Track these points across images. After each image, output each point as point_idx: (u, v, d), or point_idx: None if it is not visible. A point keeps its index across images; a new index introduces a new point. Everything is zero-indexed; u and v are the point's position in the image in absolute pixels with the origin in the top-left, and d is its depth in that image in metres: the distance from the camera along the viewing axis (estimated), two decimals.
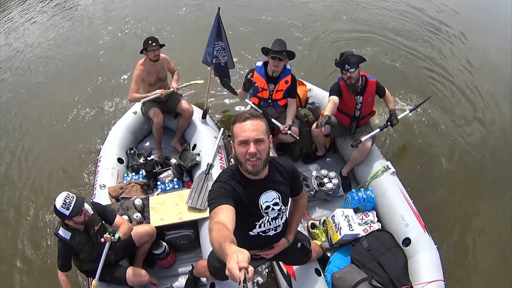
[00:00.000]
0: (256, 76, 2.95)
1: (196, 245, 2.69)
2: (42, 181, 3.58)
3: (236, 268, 0.86)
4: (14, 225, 3.23)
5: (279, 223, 1.65)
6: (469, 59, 5.17)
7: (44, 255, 2.97)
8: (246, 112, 1.42)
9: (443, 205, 3.23)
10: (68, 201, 1.94)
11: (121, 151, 3.21)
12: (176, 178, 3.03)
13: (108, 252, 2.22)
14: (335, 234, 2.54)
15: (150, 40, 3.04)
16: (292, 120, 3.03)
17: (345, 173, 3.14)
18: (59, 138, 4.05)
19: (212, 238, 1.11)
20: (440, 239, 2.57)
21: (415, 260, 2.32)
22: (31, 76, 5.14)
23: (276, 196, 1.55)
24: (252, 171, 1.41)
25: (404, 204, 2.60)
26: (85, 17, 6.52)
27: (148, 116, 3.29)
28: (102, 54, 5.37)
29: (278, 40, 2.85)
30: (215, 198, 1.37)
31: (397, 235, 2.51)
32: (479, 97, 4.51)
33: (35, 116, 4.40)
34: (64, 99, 4.57)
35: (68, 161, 3.73)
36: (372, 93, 2.88)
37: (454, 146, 3.82)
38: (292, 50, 2.90)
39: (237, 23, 5.68)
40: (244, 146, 1.38)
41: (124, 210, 2.65)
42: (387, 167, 2.83)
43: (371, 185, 2.85)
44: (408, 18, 6.16)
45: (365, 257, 2.38)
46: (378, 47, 5.31)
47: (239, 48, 4.66)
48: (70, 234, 2.06)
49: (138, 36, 5.56)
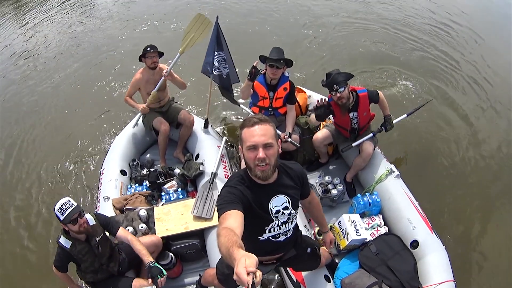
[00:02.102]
0: (257, 85, 2.98)
1: (203, 254, 2.66)
2: (43, 193, 3.58)
3: (244, 273, 0.86)
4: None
5: (289, 228, 1.63)
6: (483, 58, 5.21)
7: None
8: (254, 117, 1.42)
9: (449, 205, 3.22)
10: (65, 207, 1.97)
11: (124, 163, 3.20)
12: (180, 188, 3.02)
13: (112, 264, 2.24)
14: (342, 240, 2.52)
15: (149, 47, 3.03)
16: (292, 127, 3.04)
17: (349, 178, 3.12)
18: (60, 148, 4.08)
19: (220, 243, 1.11)
20: (448, 240, 2.58)
21: (424, 262, 2.31)
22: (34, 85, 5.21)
23: (286, 200, 1.55)
24: (261, 177, 1.42)
25: (410, 207, 2.60)
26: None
27: (151, 127, 3.30)
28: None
29: (275, 48, 2.87)
30: (224, 203, 1.36)
31: (404, 237, 2.49)
32: (486, 96, 4.51)
33: (39, 125, 4.46)
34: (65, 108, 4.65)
35: (69, 173, 3.74)
36: (366, 107, 2.83)
37: (459, 146, 3.81)
38: (289, 53, 2.91)
39: (237, 30, 5.77)
40: (253, 151, 1.37)
41: (129, 221, 2.62)
42: (391, 170, 2.83)
43: (376, 189, 2.85)
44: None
45: (374, 261, 2.36)
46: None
47: (241, 56, 4.71)
48: (70, 243, 2.08)
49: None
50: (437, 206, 3.15)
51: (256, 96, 3.05)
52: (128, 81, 4.68)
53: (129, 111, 4.30)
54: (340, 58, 5.22)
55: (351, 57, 5.25)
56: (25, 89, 5.19)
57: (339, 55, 5.30)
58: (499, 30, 5.96)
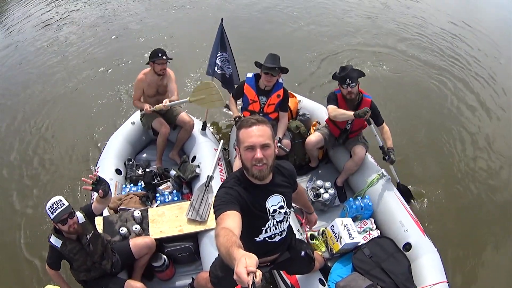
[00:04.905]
0: (247, 88, 2.96)
1: (196, 257, 2.64)
2: (38, 188, 3.54)
3: (245, 273, 0.87)
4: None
5: (283, 227, 1.65)
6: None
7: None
8: (251, 118, 1.44)
9: (439, 208, 3.25)
10: (56, 206, 1.94)
11: (119, 162, 3.17)
12: (175, 190, 3.00)
13: (104, 262, 2.20)
14: (335, 243, 2.53)
15: (160, 52, 2.96)
16: (283, 133, 3.02)
17: (340, 183, 3.12)
18: (56, 144, 4.05)
19: (219, 244, 1.11)
20: (439, 242, 2.58)
21: (417, 264, 2.34)
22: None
23: (281, 199, 1.57)
24: (258, 176, 1.43)
25: (402, 210, 2.63)
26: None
27: (150, 126, 3.28)
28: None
29: (271, 55, 2.82)
30: (221, 204, 1.37)
31: (397, 240, 2.52)
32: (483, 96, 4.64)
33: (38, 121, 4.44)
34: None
35: (62, 170, 3.71)
36: None
37: (446, 152, 3.89)
38: (282, 57, 2.85)
39: (241, 32, 5.82)
40: (251, 152, 1.39)
41: (123, 221, 2.59)
42: (382, 174, 2.86)
43: (367, 193, 2.86)
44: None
45: (368, 264, 2.37)
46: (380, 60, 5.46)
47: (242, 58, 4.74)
48: (61, 242, 2.04)
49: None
50: (427, 209, 3.19)
51: (246, 99, 3.03)
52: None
53: (127, 109, 4.33)
54: (337, 61, 5.26)
55: (346, 59, 5.31)
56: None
57: (332, 59, 5.36)
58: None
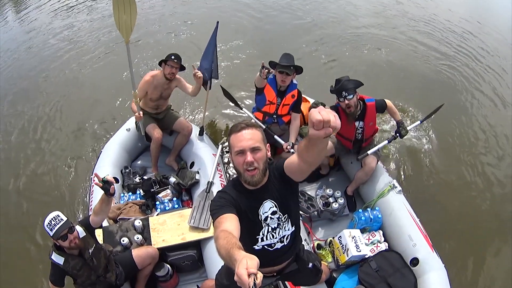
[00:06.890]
0: (267, 88, 2.93)
1: (200, 265, 2.64)
2: (34, 202, 3.40)
3: (245, 274, 0.86)
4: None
5: (283, 234, 1.58)
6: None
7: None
8: (241, 123, 1.43)
9: (450, 223, 3.15)
10: (54, 222, 1.88)
11: (115, 170, 3.09)
12: (175, 197, 2.97)
13: (109, 274, 2.16)
14: (342, 255, 2.50)
15: (174, 56, 2.94)
16: (295, 137, 3.00)
17: (350, 192, 3.07)
18: (50, 151, 3.92)
19: (219, 246, 1.10)
20: (448, 259, 2.52)
21: (423, 280, 2.30)
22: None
23: (272, 205, 1.52)
24: (251, 182, 1.41)
25: (412, 224, 2.56)
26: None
27: (144, 131, 3.21)
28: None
29: (286, 54, 2.82)
30: (216, 208, 1.38)
31: (404, 254, 2.47)
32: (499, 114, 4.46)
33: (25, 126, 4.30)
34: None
35: (58, 180, 3.57)
36: (373, 117, 2.76)
37: (463, 162, 3.75)
38: (299, 64, 2.84)
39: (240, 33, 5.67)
40: (241, 156, 1.38)
41: (124, 231, 2.54)
42: (393, 185, 2.78)
43: (377, 204, 2.80)
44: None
45: (374, 278, 2.34)
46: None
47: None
48: (63, 259, 1.98)
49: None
50: (438, 224, 3.06)
51: (263, 100, 2.98)
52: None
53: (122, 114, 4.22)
54: (347, 65, 5.11)
55: (361, 65, 5.15)
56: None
57: (348, 64, 5.17)
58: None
